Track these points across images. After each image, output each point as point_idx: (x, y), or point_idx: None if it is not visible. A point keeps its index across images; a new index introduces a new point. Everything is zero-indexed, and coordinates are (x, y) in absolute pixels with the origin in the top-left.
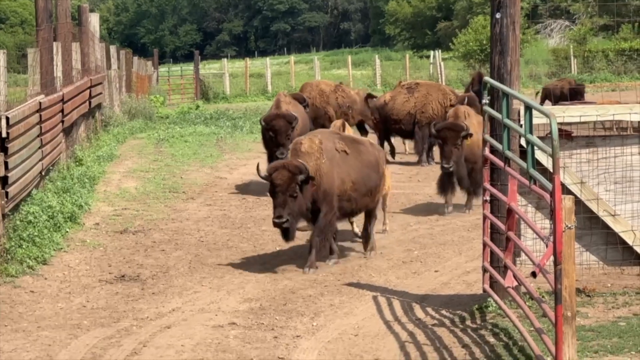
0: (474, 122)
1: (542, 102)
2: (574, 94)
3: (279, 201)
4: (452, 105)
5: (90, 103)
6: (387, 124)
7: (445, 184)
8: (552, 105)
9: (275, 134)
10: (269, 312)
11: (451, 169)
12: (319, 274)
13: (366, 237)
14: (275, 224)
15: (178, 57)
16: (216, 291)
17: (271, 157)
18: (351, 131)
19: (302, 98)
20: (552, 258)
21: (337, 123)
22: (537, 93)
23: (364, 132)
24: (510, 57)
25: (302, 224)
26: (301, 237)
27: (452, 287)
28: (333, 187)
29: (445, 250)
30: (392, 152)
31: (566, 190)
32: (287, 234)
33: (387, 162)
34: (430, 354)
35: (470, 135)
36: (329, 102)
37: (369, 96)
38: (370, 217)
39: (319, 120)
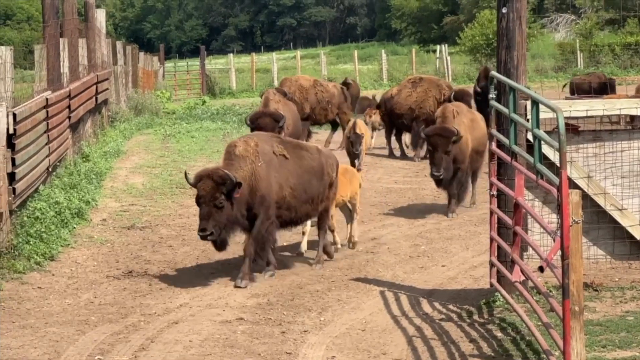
0: (464, 121)
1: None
2: (604, 88)
3: (203, 213)
4: (444, 101)
5: (96, 99)
6: (391, 118)
7: (443, 187)
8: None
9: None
10: (277, 308)
11: (441, 177)
12: (326, 269)
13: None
14: (200, 237)
15: (184, 53)
16: (224, 287)
17: None
18: (365, 130)
19: (283, 93)
20: (559, 252)
21: (350, 124)
22: (563, 85)
23: (335, 126)
24: (516, 51)
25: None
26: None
27: (460, 282)
28: (270, 193)
29: (452, 245)
30: (402, 151)
31: (573, 185)
32: (216, 246)
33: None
34: (438, 348)
35: (460, 137)
36: (308, 97)
37: (345, 84)
38: (319, 228)
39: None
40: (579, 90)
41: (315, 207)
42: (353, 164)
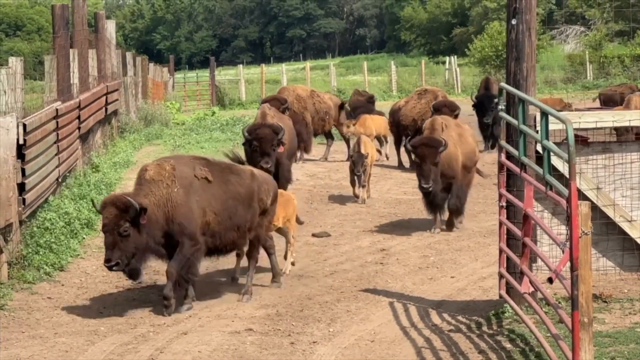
0: (452, 134)
1: (601, 108)
2: None
3: (107, 242)
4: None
5: (106, 109)
6: (399, 129)
7: (432, 201)
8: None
9: (260, 143)
10: (286, 318)
11: (430, 189)
12: (336, 280)
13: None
14: (107, 268)
15: (194, 64)
16: (233, 297)
17: None
18: (372, 146)
19: (283, 99)
20: (568, 264)
21: (354, 141)
22: (594, 99)
23: (331, 138)
24: (526, 63)
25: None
26: (326, 242)
27: (469, 293)
28: (192, 219)
29: (461, 256)
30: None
31: (582, 196)
32: (127, 275)
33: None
34: None
35: (446, 147)
36: (307, 107)
37: (342, 106)
38: (249, 257)
39: (297, 126)
40: (609, 101)
41: (242, 235)
42: (353, 182)
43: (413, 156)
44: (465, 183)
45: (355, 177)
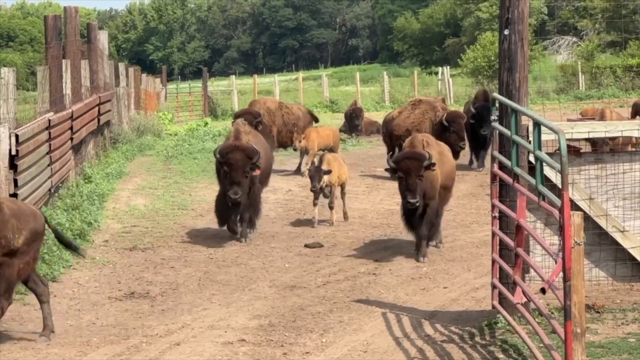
0: (433, 153)
1: (632, 118)
2: None
3: None
4: (437, 124)
5: (99, 120)
6: (392, 140)
7: (414, 220)
8: None
9: (230, 169)
10: (278, 329)
11: (417, 204)
12: (328, 291)
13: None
14: None
15: (186, 74)
16: (225, 308)
17: (223, 195)
18: (339, 164)
19: (256, 113)
20: (561, 274)
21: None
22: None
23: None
24: (518, 73)
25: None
26: (318, 253)
27: (461, 304)
28: None
29: (454, 267)
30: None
31: (575, 207)
32: None
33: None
34: None
35: (433, 165)
36: (275, 121)
37: (312, 117)
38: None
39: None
40: None
41: None
42: (315, 203)
43: (395, 173)
44: (442, 205)
45: (315, 194)
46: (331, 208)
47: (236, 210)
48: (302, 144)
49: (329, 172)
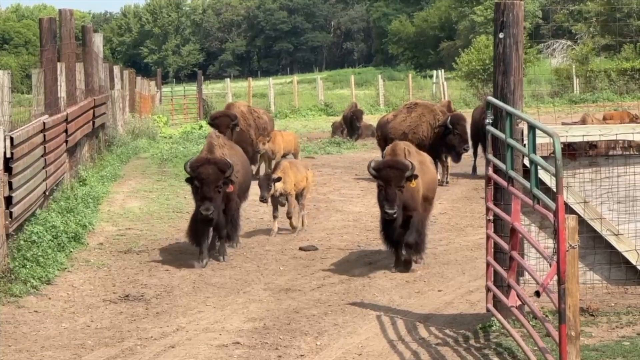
0: (415, 162)
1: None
2: None
3: None
4: (440, 126)
5: (94, 123)
6: (387, 143)
7: (393, 234)
8: None
9: (201, 184)
10: (273, 332)
11: (395, 215)
12: (323, 294)
13: None
14: None
15: (181, 77)
16: (220, 310)
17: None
18: (302, 172)
19: (233, 115)
20: (555, 277)
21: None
22: None
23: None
24: (513, 76)
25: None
26: (313, 256)
27: (456, 307)
28: None
29: (448, 270)
30: None
31: (569, 210)
32: None
33: None
34: None
35: (416, 176)
36: (250, 124)
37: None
38: None
39: (242, 144)
40: None
41: None
42: (274, 215)
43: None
44: (425, 216)
45: (264, 203)
46: (289, 218)
47: (208, 228)
48: (268, 147)
49: (278, 179)
